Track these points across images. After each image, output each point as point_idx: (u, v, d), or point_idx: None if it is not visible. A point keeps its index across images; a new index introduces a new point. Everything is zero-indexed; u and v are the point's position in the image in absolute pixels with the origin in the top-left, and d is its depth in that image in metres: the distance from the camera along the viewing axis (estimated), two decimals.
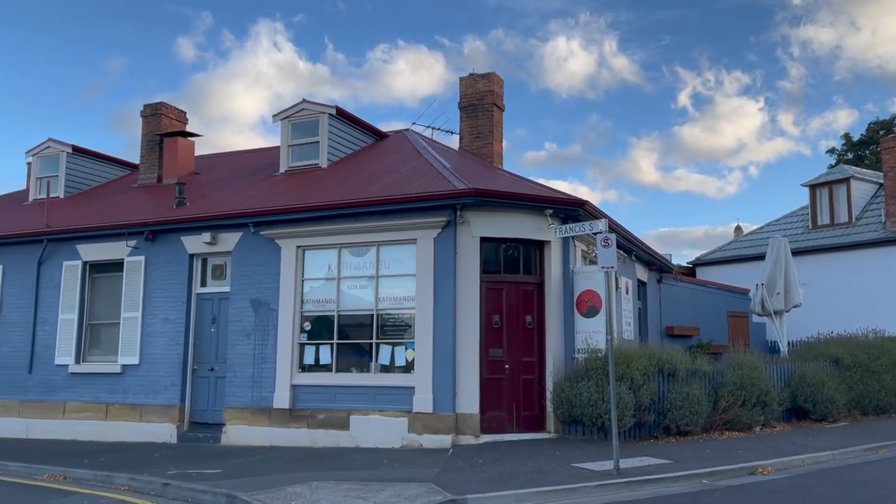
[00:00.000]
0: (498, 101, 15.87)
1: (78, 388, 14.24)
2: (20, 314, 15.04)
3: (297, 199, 12.99)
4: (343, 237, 12.33)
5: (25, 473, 10.63)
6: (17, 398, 14.76)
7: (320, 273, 12.61)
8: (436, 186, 11.77)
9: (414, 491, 7.97)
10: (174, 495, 8.71)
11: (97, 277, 14.75)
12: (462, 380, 11.24)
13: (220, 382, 13.11)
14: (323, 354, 12.32)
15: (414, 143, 15.54)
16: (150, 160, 18.02)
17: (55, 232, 14.73)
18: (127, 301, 14.03)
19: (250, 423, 12.49)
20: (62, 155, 18.21)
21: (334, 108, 15.29)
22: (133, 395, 13.65)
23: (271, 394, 12.38)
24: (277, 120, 15.50)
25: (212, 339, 13.41)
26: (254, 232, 12.95)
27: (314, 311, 12.55)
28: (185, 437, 13.05)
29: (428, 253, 11.63)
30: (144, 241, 13.91)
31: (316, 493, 8.12)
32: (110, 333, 14.34)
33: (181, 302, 13.56)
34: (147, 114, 18.34)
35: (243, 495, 8.01)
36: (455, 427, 11.11)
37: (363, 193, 12.36)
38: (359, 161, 15.24)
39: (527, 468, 9.08)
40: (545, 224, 11.90)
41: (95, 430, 13.81)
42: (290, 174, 15.19)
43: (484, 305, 11.65)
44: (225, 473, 9.53)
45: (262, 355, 12.64)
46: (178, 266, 13.68)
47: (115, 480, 9.66)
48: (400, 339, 11.87)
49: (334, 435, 11.77)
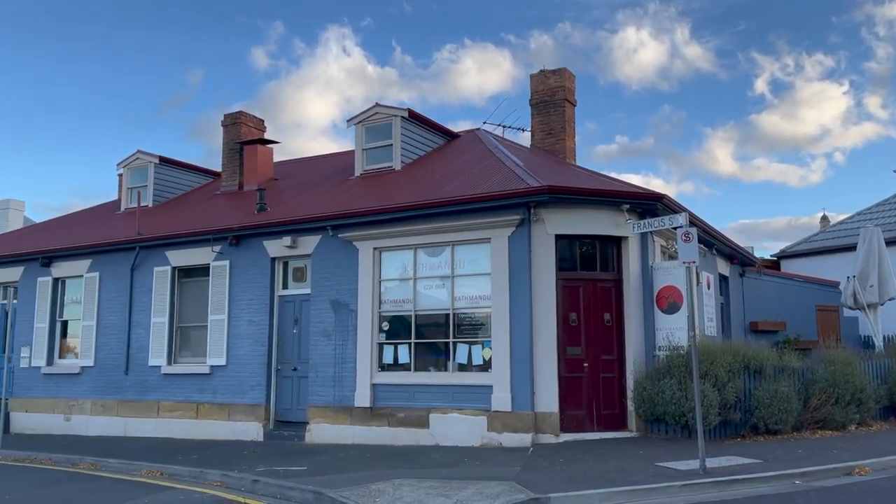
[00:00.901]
0: (570, 97, 15.71)
1: (170, 389, 14.91)
2: (116, 318, 15.86)
3: (373, 201, 13.22)
4: (418, 238, 12.47)
5: (126, 469, 11.22)
6: (115, 398, 15.58)
7: (397, 274, 12.80)
8: (509, 185, 11.75)
9: (495, 489, 8.00)
10: (264, 491, 9.02)
11: (185, 282, 15.40)
12: (540, 378, 11.20)
13: (302, 382, 13.48)
14: (401, 354, 12.50)
15: (485, 142, 15.56)
16: (232, 168, 18.68)
17: (146, 239, 15.47)
18: (213, 304, 14.59)
19: (332, 422, 12.79)
20: (150, 166, 19.10)
21: (406, 111, 15.48)
22: (221, 394, 14.19)
23: (352, 393, 12.65)
24: (352, 124, 15.80)
25: (294, 339, 13.80)
26: (332, 235, 13.25)
27: (392, 311, 12.74)
28: (270, 435, 13.48)
29: (502, 252, 11.64)
30: (229, 246, 14.44)
31: (399, 490, 8.25)
32: (199, 336, 14.95)
33: (264, 304, 14.01)
34: (227, 123, 19.02)
35: (329, 492, 8.22)
36: (534, 426, 11.08)
37: (437, 194, 12.47)
38: (431, 162, 15.37)
39: (609, 467, 8.97)
40: (622, 219, 11.72)
41: (187, 429, 14.43)
42: (365, 177, 15.46)
43: (560, 303, 11.56)
44: (310, 470, 9.80)
45: (342, 355, 12.93)
46: (261, 269, 14.14)
47: (208, 477, 10.07)
48: (476, 337, 11.92)
49: (414, 433, 11.93)
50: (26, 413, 16.72)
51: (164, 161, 19.41)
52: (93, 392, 15.91)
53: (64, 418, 16.17)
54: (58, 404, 16.34)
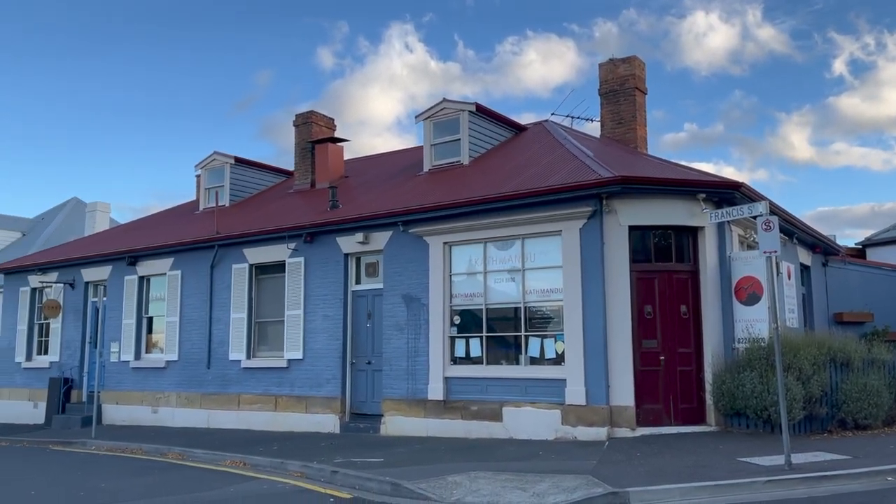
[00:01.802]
0: (640, 85, 15.40)
1: (250, 382, 15.40)
2: (198, 314, 16.48)
3: (442, 196, 13.30)
4: (488, 232, 12.47)
5: (211, 460, 11.66)
6: (198, 391, 16.20)
7: (467, 268, 12.84)
8: (579, 176, 11.62)
9: (572, 483, 7.96)
10: (342, 482, 9.22)
11: (262, 278, 15.86)
12: (615, 372, 11.06)
13: (377, 375, 13.71)
14: (473, 347, 12.54)
15: (554, 133, 15.43)
16: (304, 166, 19.10)
17: (224, 238, 15.99)
18: (289, 300, 14.97)
19: (407, 414, 12.96)
20: (226, 166, 19.72)
21: (474, 105, 15.49)
22: (298, 387, 14.57)
23: (425, 386, 12.78)
24: (420, 120, 15.92)
25: (368, 333, 14.03)
26: (403, 230, 13.40)
27: (463, 305, 12.80)
28: (346, 427, 13.77)
29: (574, 244, 11.52)
30: (303, 243, 14.79)
31: (475, 482, 8.31)
32: (276, 330, 15.38)
33: (338, 299, 14.29)
34: (299, 123, 19.46)
35: (406, 483, 8.34)
36: (609, 420, 10.95)
37: (506, 187, 12.44)
38: (499, 155, 15.34)
39: (688, 462, 8.79)
40: (698, 209, 11.43)
41: (266, 420, 14.88)
42: (434, 172, 15.56)
43: (635, 296, 11.38)
44: (387, 462, 9.96)
45: (415, 349, 13.07)
46: (335, 265, 14.43)
47: (289, 467, 10.37)
48: (548, 331, 11.86)
49: (488, 426, 11.97)
50: (117, 405, 17.57)
51: (240, 161, 20.01)
52: (177, 385, 16.59)
53: (151, 410, 16.92)
54: (145, 397, 17.11)
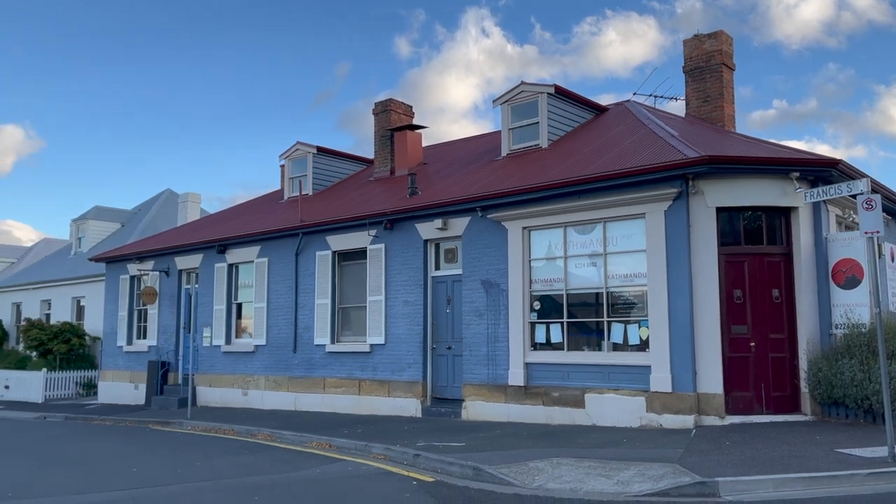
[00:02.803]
0: (727, 61, 14.77)
1: (334, 366, 15.77)
2: (284, 300, 16.97)
3: (521, 181, 13.17)
4: (568, 216, 12.28)
5: (298, 441, 12.02)
6: (285, 374, 16.71)
7: (547, 252, 12.69)
8: (663, 157, 11.27)
9: (658, 471, 7.77)
10: (424, 465, 9.32)
11: (345, 265, 16.16)
12: (702, 358, 10.71)
13: (457, 360, 13.77)
14: (554, 333, 12.41)
15: (636, 113, 15.01)
16: (383, 154, 19.32)
17: (308, 226, 16.38)
18: (371, 286, 15.22)
19: (487, 400, 12.97)
20: (309, 156, 20.17)
21: (552, 87, 15.24)
22: (381, 371, 14.81)
23: (506, 371, 12.74)
24: (497, 104, 15.80)
25: (448, 319, 14.10)
26: (481, 216, 13.36)
27: (542, 291, 12.67)
28: (428, 411, 13.90)
29: (658, 227, 11.19)
30: (383, 230, 14.97)
31: (558, 469, 8.23)
32: (358, 316, 15.67)
33: (418, 285, 14.41)
34: (378, 111, 19.68)
35: (488, 468, 8.35)
36: (697, 407, 10.63)
37: (586, 170, 12.19)
38: (579, 138, 15.05)
39: (782, 452, 8.43)
40: (791, 188, 10.89)
41: (350, 404, 15.21)
42: (512, 157, 15.43)
43: (723, 280, 10.97)
44: (468, 447, 9.99)
45: (494, 334, 13.05)
46: (414, 252, 14.55)
47: (372, 450, 10.56)
48: (631, 316, 11.60)
49: (570, 412, 11.84)
50: (209, 388, 18.35)
51: (322, 151, 20.42)
52: (265, 369, 17.17)
53: (242, 393, 17.58)
54: (236, 380, 17.79)
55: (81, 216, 31.72)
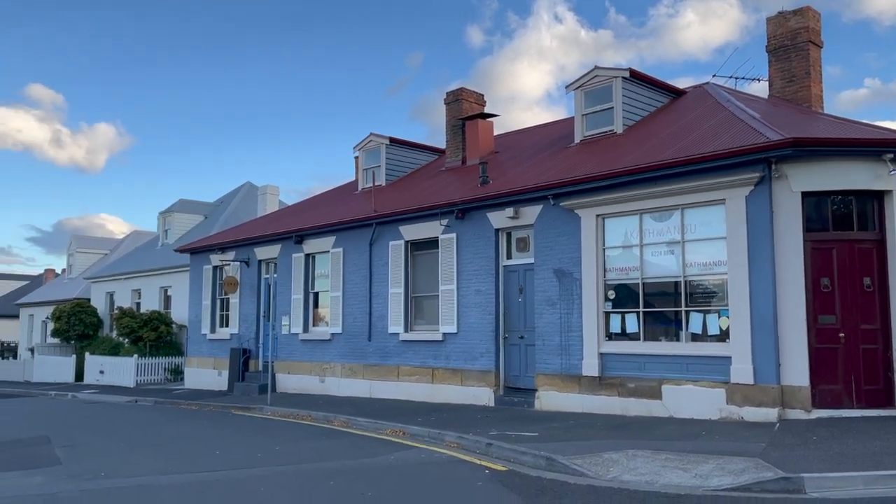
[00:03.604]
0: (814, 38, 14.04)
1: (408, 354, 15.93)
2: (358, 289, 17.25)
3: (594, 167, 12.92)
4: (643, 202, 11.97)
5: (373, 428, 12.22)
6: (361, 362, 17.00)
7: (622, 241, 12.42)
8: (744, 140, 10.83)
9: (739, 465, 7.51)
10: (497, 455, 9.30)
11: (417, 254, 16.28)
12: (786, 349, 10.28)
13: (529, 350, 13.68)
14: (629, 323, 12.15)
15: (715, 95, 14.48)
16: (455, 144, 19.33)
17: (381, 216, 16.57)
18: (443, 275, 15.28)
19: (561, 390, 12.84)
20: (382, 147, 20.39)
21: (627, 71, 14.88)
22: (454, 360, 14.88)
23: (580, 361, 12.58)
24: (570, 90, 15.55)
25: (520, 308, 14.02)
26: (553, 204, 13.20)
27: (617, 280, 12.42)
28: (501, 400, 13.88)
29: (739, 213, 10.78)
30: (455, 220, 14.99)
31: (633, 461, 8.07)
32: (431, 305, 15.77)
33: (490, 274, 14.38)
34: (449, 101, 19.68)
35: (561, 458, 8.27)
36: (780, 400, 10.21)
37: (663, 155, 11.85)
38: (655, 122, 14.65)
39: (874, 448, 8.00)
40: (884, 171, 10.28)
41: (424, 392, 15.34)
42: (586, 143, 15.16)
43: (809, 268, 10.47)
44: (541, 437, 9.92)
45: (567, 324, 12.89)
46: (486, 241, 14.51)
47: (445, 438, 10.62)
48: (710, 306, 11.23)
49: (646, 404, 11.59)
50: (288, 374, 18.86)
51: (394, 142, 20.61)
52: (341, 356, 17.51)
53: (319, 380, 18.00)
54: (313, 367, 18.22)
55: (167, 209, 33.11)
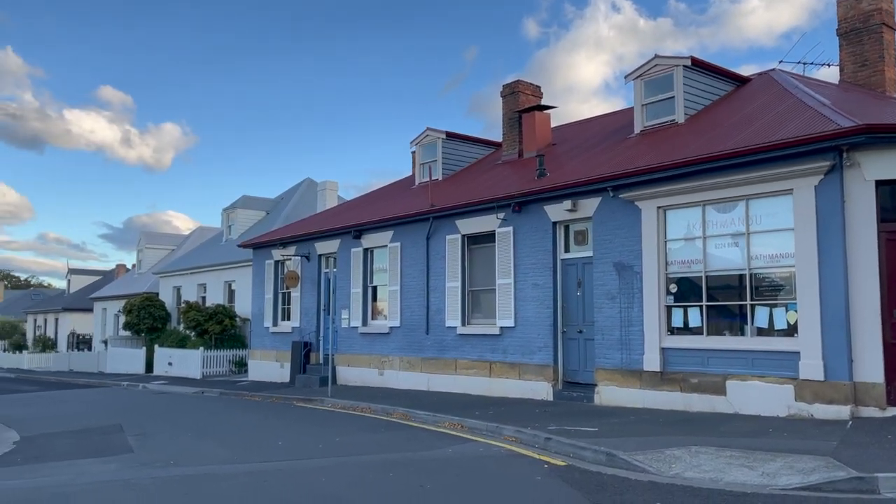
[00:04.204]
0: (888, 20, 13.43)
1: (465, 348, 15.95)
2: (416, 283, 17.36)
3: (655, 158, 12.65)
4: (706, 194, 11.67)
5: (431, 421, 12.28)
6: (418, 356, 17.12)
7: (683, 233, 12.14)
8: (813, 127, 10.42)
9: (809, 464, 7.26)
10: (556, 449, 9.23)
11: (473, 248, 16.27)
12: (859, 345, 9.87)
13: (588, 344, 13.52)
14: (692, 317, 11.87)
15: (782, 82, 13.99)
16: (511, 137, 19.22)
17: (438, 210, 16.61)
18: (500, 269, 15.22)
19: (621, 385, 12.65)
20: (438, 141, 20.44)
21: (689, 59, 14.51)
22: (511, 354, 14.82)
23: (640, 356, 12.36)
24: (629, 80, 15.26)
25: (578, 302, 13.86)
26: (612, 196, 12.99)
27: (679, 273, 12.15)
28: (559, 395, 13.76)
29: (808, 203, 10.40)
30: (512, 213, 14.91)
31: (696, 457, 7.89)
32: (488, 298, 15.74)
33: (547, 268, 14.26)
34: (506, 93, 19.58)
35: (622, 454, 8.14)
36: (853, 397, 9.82)
37: (726, 144, 11.52)
38: (718, 111, 14.25)
39: None
40: None
41: (481, 386, 15.34)
42: (646, 134, 14.87)
43: (884, 260, 10.02)
44: (601, 432, 9.80)
45: (628, 318, 12.68)
46: (543, 234, 14.39)
47: (503, 432, 10.59)
48: (777, 299, 10.88)
49: (709, 400, 11.31)
50: (348, 367, 19.13)
51: (451, 136, 20.63)
52: (400, 350, 17.66)
53: (378, 373, 18.20)
54: (372, 360, 18.44)
55: (231, 205, 33.96)
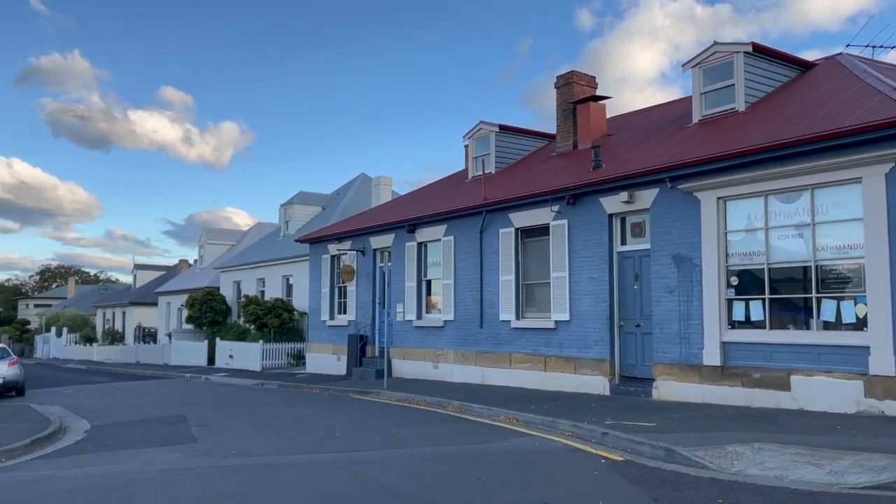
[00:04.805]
0: None
1: (519, 342, 15.88)
2: (469, 277, 17.36)
3: (715, 147, 12.33)
4: (769, 183, 11.31)
5: (486, 414, 12.28)
6: (472, 349, 17.12)
7: (745, 224, 11.81)
8: (883, 113, 9.99)
9: (880, 462, 6.98)
10: (613, 444, 9.10)
11: (527, 241, 16.17)
12: None
13: (646, 338, 13.29)
14: (754, 310, 11.55)
15: (850, 67, 13.45)
16: (566, 128, 19.00)
17: (491, 204, 16.56)
18: (554, 262, 15.09)
19: (680, 379, 12.40)
20: (491, 135, 20.36)
21: (750, 45, 14.07)
22: (566, 348, 14.69)
23: (700, 350, 12.09)
24: (687, 68, 14.90)
25: (635, 295, 13.63)
26: (670, 187, 12.71)
27: (740, 265, 11.82)
28: (616, 389, 13.58)
29: (878, 192, 9.98)
30: (566, 206, 14.75)
31: (759, 454, 7.68)
32: (542, 292, 15.63)
33: (603, 261, 14.06)
34: (560, 84, 19.36)
35: (681, 450, 7.98)
36: None
37: (790, 132, 11.13)
38: (781, 98, 13.79)
39: None
40: None
41: (536, 380, 15.25)
42: (705, 123, 14.50)
43: None
44: (659, 427, 9.62)
45: (687, 311, 12.41)
46: (598, 227, 14.19)
47: (559, 426, 10.50)
48: (845, 292, 10.48)
49: (773, 395, 10.99)
50: (403, 360, 19.28)
51: (504, 129, 20.53)
52: (454, 343, 17.70)
53: (432, 366, 18.29)
54: (427, 353, 18.53)
55: (288, 201, 34.58)
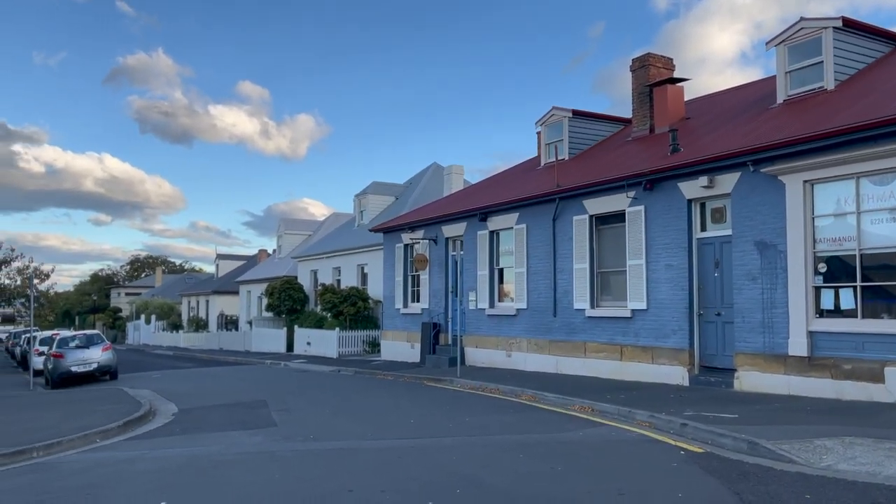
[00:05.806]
0: None
1: (594, 330, 15.64)
2: (542, 265, 17.19)
3: (801, 128, 11.76)
4: (861, 165, 10.72)
5: (560, 403, 12.16)
6: (546, 338, 16.97)
7: (833, 208, 11.24)
8: None
9: None
10: (693, 436, 8.86)
11: (602, 229, 15.87)
12: None
13: (727, 327, 12.86)
14: (843, 298, 10.99)
15: None
16: (642, 112, 18.53)
17: (564, 191, 16.32)
18: (630, 249, 14.76)
19: (763, 370, 11.95)
20: (564, 120, 20.05)
21: (839, 20, 13.34)
22: (643, 337, 14.37)
23: (785, 340, 11.61)
24: (771, 46, 14.26)
25: (716, 283, 13.20)
26: (753, 170, 12.22)
27: (829, 251, 11.27)
28: (695, 380, 13.20)
29: None
30: (643, 191, 14.39)
31: (850, 449, 7.32)
32: (618, 280, 15.32)
33: (682, 248, 13.66)
34: (635, 67, 18.87)
35: (766, 443, 7.70)
36: None
37: (885, 111, 10.50)
38: (874, 75, 13.03)
39: None
40: None
41: (612, 369, 14.99)
42: (789, 103, 13.85)
43: None
44: (742, 419, 9.31)
45: (771, 300, 11.93)
46: (677, 212, 13.79)
47: (636, 417, 10.30)
48: None
49: (865, 388, 10.45)
50: (476, 348, 19.31)
51: (577, 114, 20.18)
52: (527, 332, 17.59)
53: (505, 354, 18.24)
54: (499, 342, 18.49)
55: (362, 192, 35.07)
